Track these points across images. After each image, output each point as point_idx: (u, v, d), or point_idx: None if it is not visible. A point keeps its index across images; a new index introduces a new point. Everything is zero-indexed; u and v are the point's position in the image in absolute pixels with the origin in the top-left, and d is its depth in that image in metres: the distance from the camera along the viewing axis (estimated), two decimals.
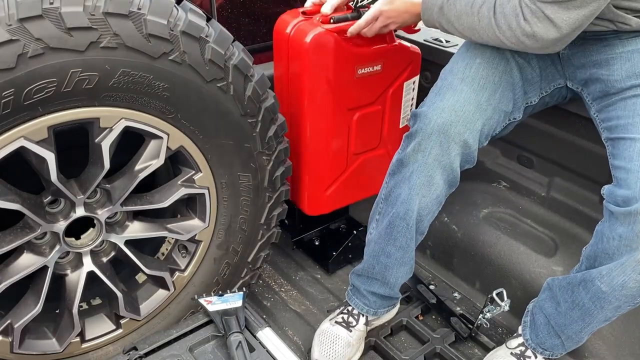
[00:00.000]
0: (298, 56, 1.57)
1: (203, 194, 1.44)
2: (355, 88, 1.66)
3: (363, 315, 1.64)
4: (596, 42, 1.39)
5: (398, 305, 1.75)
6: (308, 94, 1.60)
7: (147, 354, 1.26)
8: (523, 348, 1.53)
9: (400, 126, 1.88)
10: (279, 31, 1.59)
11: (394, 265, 1.53)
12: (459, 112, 1.38)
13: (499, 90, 1.43)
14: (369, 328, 1.68)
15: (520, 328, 1.57)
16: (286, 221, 1.74)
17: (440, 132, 1.37)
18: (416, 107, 1.52)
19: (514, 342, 1.55)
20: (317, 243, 2.12)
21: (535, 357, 1.51)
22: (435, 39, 2.03)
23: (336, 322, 1.64)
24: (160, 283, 1.53)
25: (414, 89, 1.83)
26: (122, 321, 1.50)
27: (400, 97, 1.80)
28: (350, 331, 1.62)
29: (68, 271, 1.41)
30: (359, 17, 1.57)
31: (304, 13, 1.60)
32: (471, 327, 1.70)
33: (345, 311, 1.66)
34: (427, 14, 1.42)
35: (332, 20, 1.56)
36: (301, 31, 1.54)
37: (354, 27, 1.54)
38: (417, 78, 1.83)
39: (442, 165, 1.40)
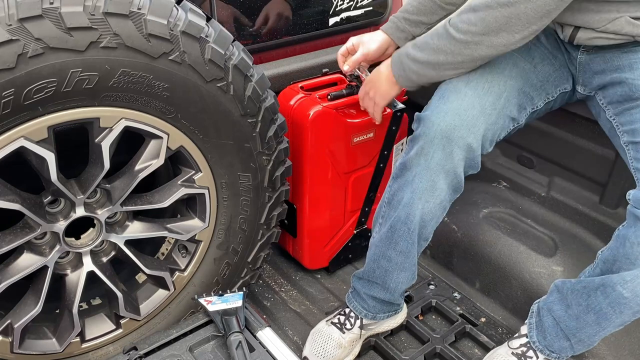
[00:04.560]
0: (300, 129, 1.68)
1: (203, 194, 1.44)
2: (351, 154, 1.79)
3: (359, 319, 1.62)
4: (616, 49, 1.36)
5: (403, 313, 1.73)
6: (309, 163, 1.72)
7: (147, 354, 1.27)
8: (525, 348, 1.52)
9: None
10: (283, 102, 1.68)
11: (394, 269, 1.51)
12: (463, 116, 1.35)
13: (504, 95, 1.40)
14: (367, 333, 1.67)
15: (524, 328, 1.55)
16: (286, 221, 1.75)
17: (443, 136, 1.35)
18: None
19: (516, 342, 1.54)
20: None
21: (537, 357, 1.50)
22: None
23: (332, 322, 1.64)
24: (160, 283, 1.53)
25: (402, 149, 1.94)
26: (122, 321, 1.50)
27: (391, 158, 1.90)
28: (344, 333, 1.61)
29: (68, 271, 1.41)
30: (352, 93, 1.72)
31: (302, 88, 1.72)
32: None
33: (342, 313, 1.65)
34: (398, 70, 1.43)
35: (329, 97, 1.68)
36: (304, 107, 1.67)
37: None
38: (405, 139, 1.94)
39: (445, 169, 1.37)
